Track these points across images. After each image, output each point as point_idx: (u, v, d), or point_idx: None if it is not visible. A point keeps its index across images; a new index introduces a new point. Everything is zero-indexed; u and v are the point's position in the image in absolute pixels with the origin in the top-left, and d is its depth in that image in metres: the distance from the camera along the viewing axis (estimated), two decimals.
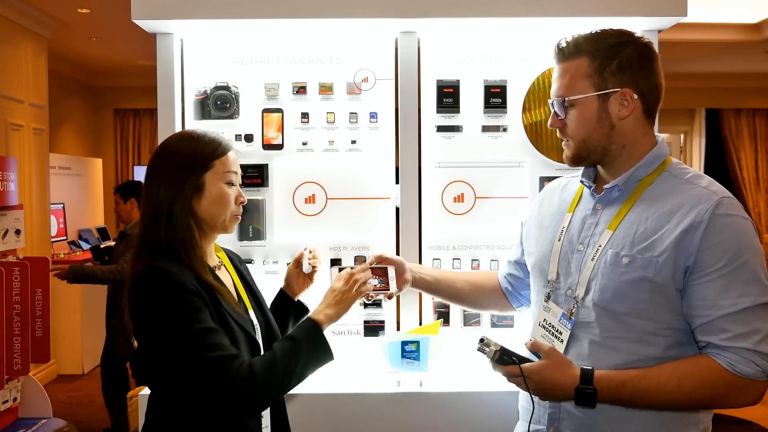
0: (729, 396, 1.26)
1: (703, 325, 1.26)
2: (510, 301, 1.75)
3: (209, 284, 1.35)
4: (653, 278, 1.27)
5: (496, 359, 1.34)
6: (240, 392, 1.26)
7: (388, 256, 1.77)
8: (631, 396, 1.28)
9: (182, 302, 1.27)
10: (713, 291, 1.25)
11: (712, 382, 1.25)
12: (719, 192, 1.29)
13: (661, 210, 1.30)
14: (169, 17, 1.95)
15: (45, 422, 2.86)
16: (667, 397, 1.26)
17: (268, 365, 1.30)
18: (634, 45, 1.35)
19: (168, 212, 1.36)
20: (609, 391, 1.28)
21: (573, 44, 1.37)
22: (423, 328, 2.03)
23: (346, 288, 1.51)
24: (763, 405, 1.42)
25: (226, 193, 1.41)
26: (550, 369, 1.31)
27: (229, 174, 1.42)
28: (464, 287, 1.78)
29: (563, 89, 1.38)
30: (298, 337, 1.37)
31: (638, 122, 1.36)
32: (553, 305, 1.42)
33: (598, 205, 1.41)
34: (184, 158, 1.39)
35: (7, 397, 2.85)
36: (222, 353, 1.26)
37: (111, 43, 6.27)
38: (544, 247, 1.48)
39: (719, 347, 1.25)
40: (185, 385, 1.28)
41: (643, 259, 1.28)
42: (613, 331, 1.32)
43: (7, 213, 2.91)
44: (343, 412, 1.82)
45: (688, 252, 1.25)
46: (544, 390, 1.32)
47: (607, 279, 1.32)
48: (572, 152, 1.41)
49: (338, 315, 1.47)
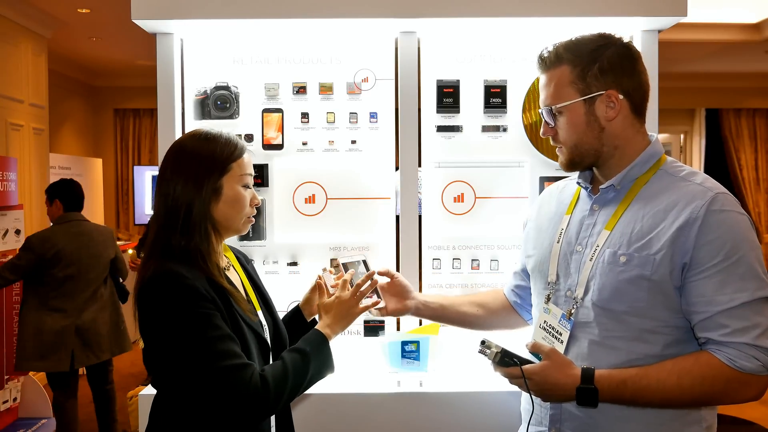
0: (730, 391, 1.26)
1: (702, 321, 1.27)
2: (521, 315, 1.70)
3: (222, 287, 1.34)
4: (651, 276, 1.28)
5: (497, 361, 1.34)
6: (251, 402, 1.26)
7: (396, 276, 1.73)
8: (632, 394, 1.28)
9: (195, 308, 1.26)
10: (711, 287, 1.25)
11: (712, 378, 1.25)
12: (714, 188, 1.30)
13: (657, 208, 1.31)
14: (169, 17, 1.95)
15: (45, 422, 2.87)
16: (668, 394, 1.26)
17: (280, 378, 1.30)
18: (613, 47, 1.36)
19: (186, 214, 1.34)
20: (610, 389, 1.28)
21: (554, 53, 1.38)
22: (423, 328, 2.03)
23: (353, 302, 1.49)
24: (763, 405, 1.42)
25: (243, 197, 1.40)
26: (551, 370, 1.31)
27: (245, 177, 1.41)
28: (471, 310, 1.73)
29: (550, 98, 1.40)
30: (309, 351, 1.37)
31: (627, 122, 1.37)
32: (553, 306, 1.42)
33: (595, 205, 1.42)
34: (202, 160, 1.36)
35: (7, 397, 2.85)
36: (235, 362, 1.26)
37: (111, 43, 6.28)
38: (544, 249, 1.49)
39: (719, 343, 1.25)
40: (196, 391, 1.28)
41: (640, 258, 1.29)
42: (612, 330, 1.32)
43: (7, 213, 2.91)
44: (343, 412, 1.82)
45: (684, 249, 1.26)
46: (546, 391, 1.33)
47: (605, 278, 1.32)
48: (566, 158, 1.42)
49: (343, 329, 1.48)
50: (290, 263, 2.13)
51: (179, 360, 1.27)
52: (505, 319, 1.72)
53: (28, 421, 2.95)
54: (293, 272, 2.12)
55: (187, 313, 1.26)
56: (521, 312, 1.70)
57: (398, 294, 1.72)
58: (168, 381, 1.35)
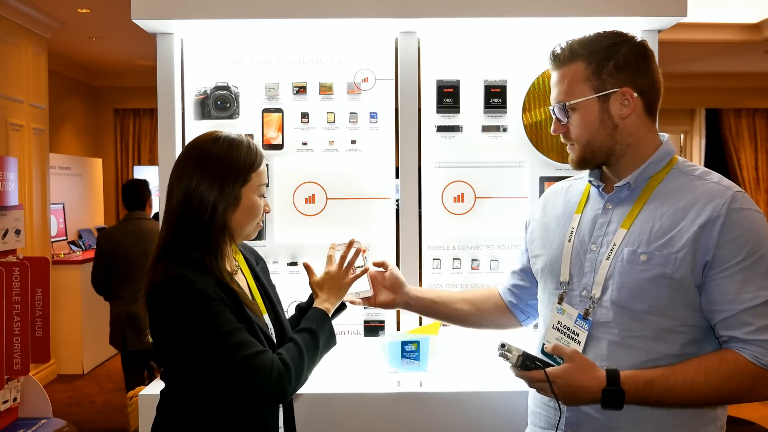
0: (756, 389, 1.26)
1: (725, 319, 1.26)
2: (515, 315, 1.69)
3: (231, 290, 1.35)
4: (672, 274, 1.27)
5: (519, 365, 1.31)
6: (276, 384, 1.30)
7: (390, 267, 1.71)
8: (658, 395, 1.27)
9: (204, 309, 1.29)
10: (734, 285, 1.25)
11: (739, 375, 1.24)
12: (731, 187, 1.30)
13: (676, 206, 1.31)
14: (169, 17, 1.95)
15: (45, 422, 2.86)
16: (695, 393, 1.26)
17: (297, 358, 1.35)
18: (628, 44, 1.36)
19: (210, 218, 1.34)
20: (636, 391, 1.26)
21: (568, 50, 1.37)
22: (423, 328, 2.03)
23: (342, 273, 1.55)
24: (763, 405, 1.43)
25: (258, 206, 1.43)
26: (575, 372, 1.29)
27: (262, 187, 1.44)
28: (462, 308, 1.72)
29: (563, 94, 1.38)
30: (316, 329, 1.43)
31: (640, 120, 1.37)
32: (568, 307, 1.40)
33: (608, 204, 1.40)
34: (228, 167, 1.37)
35: (7, 397, 2.85)
36: (252, 350, 1.30)
37: (111, 43, 6.27)
38: (554, 249, 1.46)
39: (743, 341, 1.25)
40: (218, 385, 1.31)
41: (661, 256, 1.28)
42: (631, 329, 1.31)
43: (7, 213, 2.91)
44: (343, 412, 1.82)
45: (706, 247, 1.26)
46: (569, 394, 1.30)
47: (625, 277, 1.31)
48: (577, 155, 1.40)
49: (339, 300, 1.55)
50: (290, 263, 2.13)
51: (198, 360, 1.30)
52: (497, 318, 1.71)
53: (28, 421, 2.95)
54: (293, 272, 2.12)
55: (197, 315, 1.28)
56: (516, 312, 1.68)
57: (391, 287, 1.71)
58: (181, 376, 1.38)
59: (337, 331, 2.06)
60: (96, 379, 5.51)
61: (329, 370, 1.98)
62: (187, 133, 2.09)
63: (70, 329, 5.52)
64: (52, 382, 5.32)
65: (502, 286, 1.71)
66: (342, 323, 2.10)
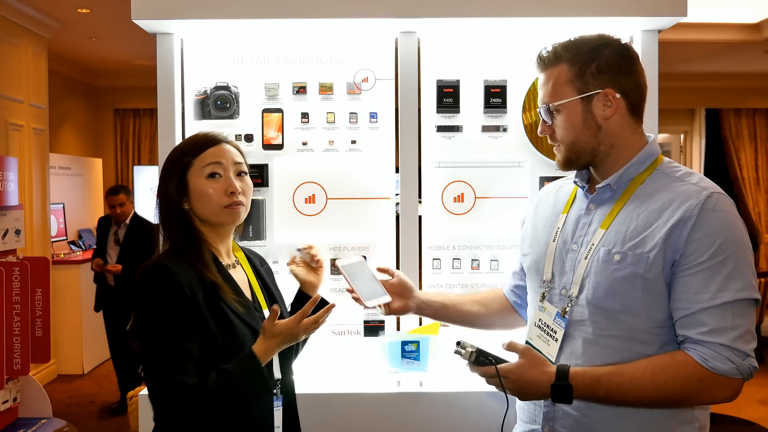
0: (703, 391, 1.26)
1: (683, 318, 1.27)
2: (520, 315, 1.69)
3: (211, 282, 1.38)
4: (645, 274, 1.28)
5: (473, 360, 1.36)
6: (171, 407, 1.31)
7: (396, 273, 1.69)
8: (606, 391, 1.28)
9: (166, 306, 1.32)
10: (694, 284, 1.25)
11: (685, 377, 1.25)
12: (709, 188, 1.30)
13: (652, 207, 1.32)
14: (169, 17, 1.95)
15: (45, 422, 2.86)
16: (641, 391, 1.26)
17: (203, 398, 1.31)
18: (611, 47, 1.37)
19: (164, 213, 1.44)
20: (585, 386, 1.29)
21: (552, 52, 1.40)
22: (423, 328, 2.03)
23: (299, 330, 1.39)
24: (763, 405, 1.42)
25: (203, 188, 1.43)
26: (526, 367, 1.33)
27: (207, 167, 1.43)
28: (473, 309, 1.72)
29: (547, 96, 1.41)
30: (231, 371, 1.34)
31: (624, 121, 1.38)
32: (548, 305, 1.43)
33: (591, 204, 1.42)
34: (169, 160, 1.46)
35: (7, 397, 2.85)
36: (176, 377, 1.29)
37: (111, 43, 6.27)
38: (540, 247, 1.49)
39: (695, 341, 1.25)
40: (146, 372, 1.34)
41: (634, 256, 1.29)
42: (605, 328, 1.33)
43: (7, 213, 2.91)
44: (343, 412, 1.82)
45: (676, 246, 1.26)
46: (521, 389, 1.34)
47: (600, 276, 1.33)
48: (563, 156, 1.43)
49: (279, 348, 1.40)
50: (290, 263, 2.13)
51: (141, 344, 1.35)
52: (506, 318, 1.72)
53: (28, 421, 2.95)
54: None
55: (159, 307, 1.33)
56: (521, 312, 1.69)
57: (400, 292, 1.69)
58: None
59: (337, 331, 2.10)
60: (96, 379, 5.51)
61: (329, 370, 1.98)
62: (187, 133, 2.09)
63: (70, 329, 5.52)
64: (52, 382, 5.32)
65: (506, 287, 1.73)
66: (342, 323, 2.10)
